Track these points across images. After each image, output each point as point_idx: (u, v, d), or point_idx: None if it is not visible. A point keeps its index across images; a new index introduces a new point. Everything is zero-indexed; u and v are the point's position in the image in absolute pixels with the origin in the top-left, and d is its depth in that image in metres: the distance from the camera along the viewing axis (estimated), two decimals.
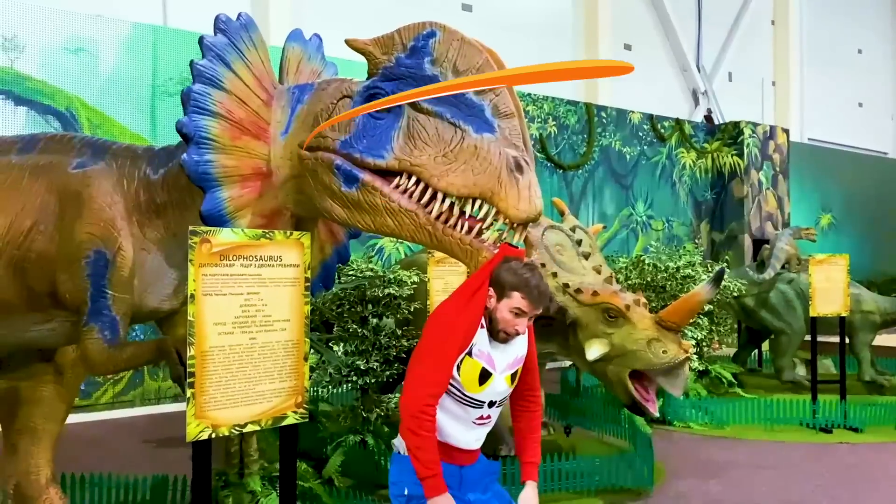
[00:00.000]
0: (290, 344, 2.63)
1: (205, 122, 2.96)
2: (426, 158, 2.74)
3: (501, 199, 2.66)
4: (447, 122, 2.75)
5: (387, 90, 2.86)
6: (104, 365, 3.14)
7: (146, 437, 7.31)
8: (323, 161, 2.95)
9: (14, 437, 3.88)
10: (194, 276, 2.37)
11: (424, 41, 2.82)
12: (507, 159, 2.68)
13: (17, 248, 3.22)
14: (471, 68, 2.77)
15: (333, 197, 2.96)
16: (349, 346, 5.85)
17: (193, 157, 2.92)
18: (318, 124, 2.97)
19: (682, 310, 5.20)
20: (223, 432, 2.44)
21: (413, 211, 2.81)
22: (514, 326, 2.66)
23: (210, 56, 3.05)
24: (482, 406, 2.69)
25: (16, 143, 3.48)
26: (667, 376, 5.13)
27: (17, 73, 8.22)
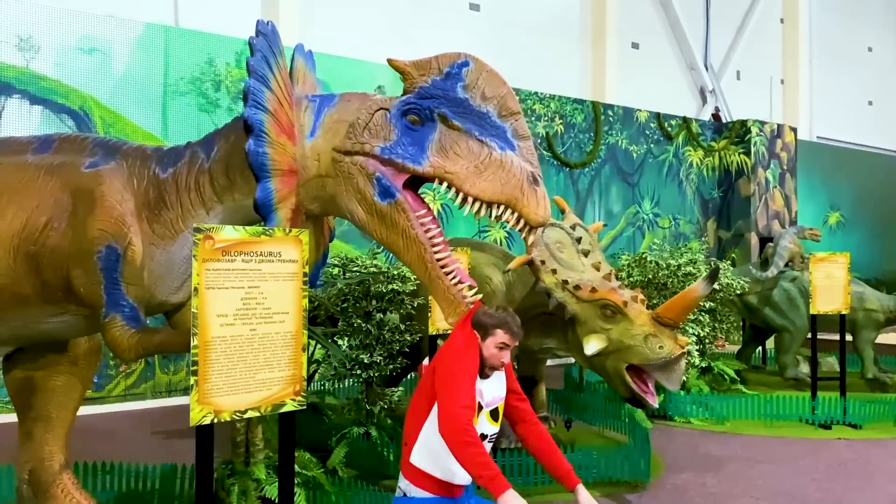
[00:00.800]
0: (288, 335, 2.79)
1: (261, 116, 3.25)
2: (459, 168, 3.17)
3: (524, 206, 3.14)
4: (476, 139, 3.18)
5: (423, 106, 3.24)
6: (134, 349, 3.33)
7: (157, 429, 7.50)
8: (361, 167, 3.28)
9: (29, 424, 4.06)
10: (198, 271, 2.53)
11: (459, 69, 3.24)
12: (527, 173, 3.15)
13: (32, 243, 3.39)
14: (496, 96, 3.23)
15: (362, 202, 3.30)
16: (353, 340, 6.00)
17: (255, 148, 3.21)
18: (354, 131, 3.30)
19: (677, 306, 5.32)
20: (225, 418, 2.60)
21: (424, 245, 3.24)
22: (499, 359, 3.13)
23: (258, 56, 3.34)
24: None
25: (32, 144, 3.65)
26: (663, 371, 5.26)
27: (33, 73, 8.41)
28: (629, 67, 16.16)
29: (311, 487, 4.85)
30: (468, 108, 3.20)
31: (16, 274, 3.42)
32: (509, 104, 3.24)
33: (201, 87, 9.46)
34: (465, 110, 3.20)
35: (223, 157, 3.45)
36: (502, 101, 3.22)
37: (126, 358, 3.34)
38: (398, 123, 3.27)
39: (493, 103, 3.22)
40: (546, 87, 13.33)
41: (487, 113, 3.21)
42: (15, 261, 3.40)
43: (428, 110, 3.23)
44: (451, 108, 3.20)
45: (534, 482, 5.36)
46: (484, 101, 3.21)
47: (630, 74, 16.03)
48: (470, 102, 3.20)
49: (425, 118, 3.24)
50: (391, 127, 3.27)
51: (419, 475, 3.07)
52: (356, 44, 11.65)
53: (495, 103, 3.22)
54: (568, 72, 15.20)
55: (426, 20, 13.21)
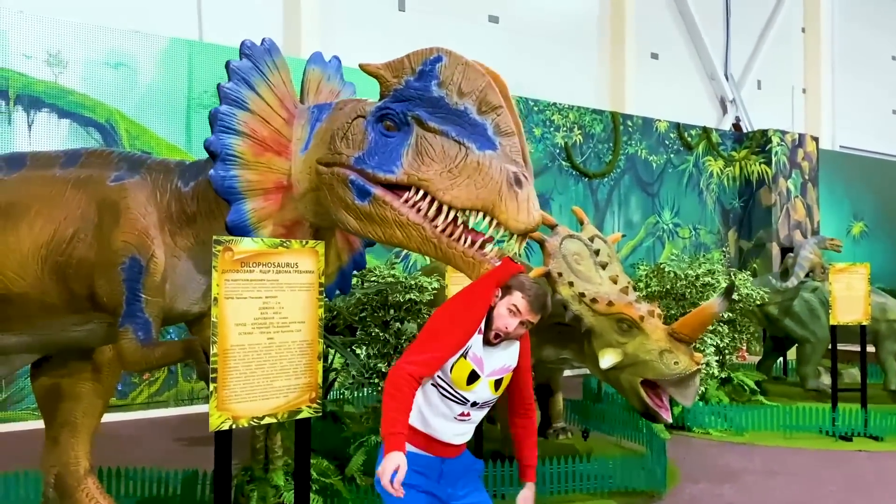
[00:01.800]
0: (304, 344, 2.87)
1: (230, 140, 3.24)
2: (432, 173, 3.00)
3: (502, 212, 2.91)
4: (452, 140, 3.01)
5: (397, 110, 3.12)
6: (138, 363, 3.42)
7: (178, 436, 7.62)
8: (338, 175, 3.21)
9: (56, 429, 4.18)
10: (217, 281, 2.62)
11: (431, 65, 3.08)
12: (507, 174, 2.92)
13: (60, 254, 3.51)
14: (474, 90, 3.03)
15: (347, 209, 3.22)
16: (371, 349, 6.07)
17: (220, 173, 3.20)
18: (334, 142, 3.24)
19: (693, 322, 5.33)
20: (243, 424, 2.68)
21: (420, 224, 3.07)
22: (505, 323, 2.84)
23: (236, 79, 3.34)
24: (465, 404, 2.87)
25: (60, 158, 3.78)
26: (677, 386, 5.26)
27: (61, 88, 8.63)
28: (648, 77, 16.17)
29: (329, 495, 4.92)
30: (444, 107, 3.03)
31: (44, 283, 3.54)
32: (489, 98, 3.01)
33: None
34: (441, 110, 3.03)
35: None
36: (481, 96, 3.01)
37: (129, 370, 3.44)
38: (373, 131, 3.16)
39: (471, 99, 3.01)
40: (565, 97, 13.39)
41: (465, 110, 3.01)
42: (43, 271, 3.52)
43: (402, 114, 3.09)
44: (427, 109, 3.05)
45: (549, 491, 5.40)
46: (461, 97, 3.02)
47: (649, 84, 16.03)
48: (446, 101, 3.03)
49: (400, 122, 3.10)
50: (366, 134, 3.18)
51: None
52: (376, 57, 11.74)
53: (474, 98, 3.01)
54: (587, 82, 15.24)
55: (445, 33, 13.33)
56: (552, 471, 5.50)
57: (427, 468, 2.84)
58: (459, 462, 2.99)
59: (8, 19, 8.37)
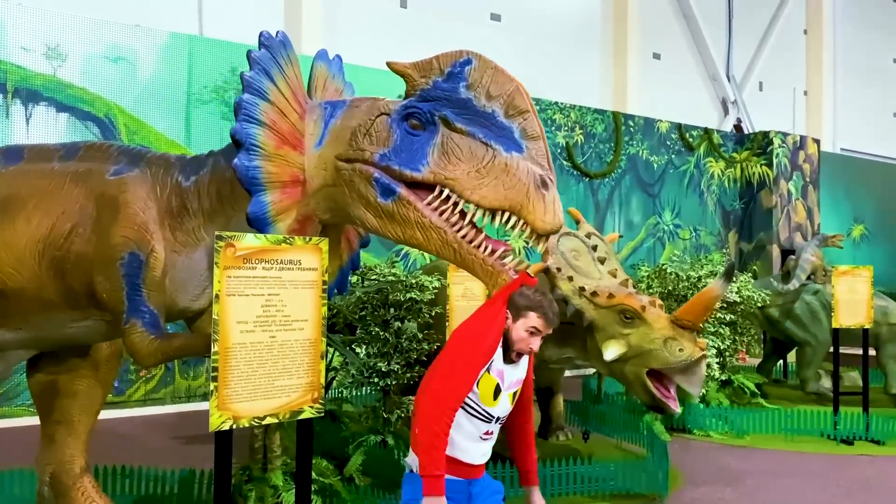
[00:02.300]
0: (307, 343, 2.81)
1: (254, 129, 3.20)
2: (460, 173, 3.03)
3: (529, 213, 2.97)
4: (479, 141, 3.04)
5: (424, 109, 3.14)
6: (153, 355, 3.33)
7: (176, 434, 7.55)
8: (361, 172, 3.20)
9: (52, 427, 4.12)
10: (219, 278, 2.56)
11: (461, 67, 3.10)
12: (534, 176, 2.98)
13: (57, 249, 3.45)
14: (502, 94, 3.07)
15: (368, 206, 3.21)
16: (371, 348, 6.01)
17: (244, 162, 3.16)
18: (355, 138, 3.23)
19: (696, 308, 5.27)
20: (243, 424, 2.62)
21: (442, 228, 3.10)
22: (528, 345, 2.99)
23: (257, 69, 3.30)
24: (490, 421, 2.97)
25: (58, 151, 3.72)
26: (684, 374, 5.21)
27: (60, 81, 8.55)
28: (650, 77, 16.12)
29: (328, 495, 4.86)
30: (472, 109, 3.06)
31: (41, 279, 3.47)
32: (517, 102, 3.07)
33: (224, 96, 9.56)
34: (468, 111, 3.06)
35: None
36: (509, 100, 3.06)
37: (145, 363, 3.35)
38: (398, 129, 3.16)
39: (499, 102, 3.06)
40: (566, 97, 13.33)
41: (493, 113, 3.05)
42: (40, 266, 3.46)
43: (429, 114, 3.11)
44: (454, 110, 3.07)
45: (550, 493, 5.35)
46: (489, 100, 3.06)
47: (651, 85, 15.99)
48: (474, 103, 3.06)
49: (426, 122, 3.11)
50: (391, 132, 3.17)
51: None
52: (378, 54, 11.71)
53: (501, 102, 3.06)
54: (588, 82, 15.19)
55: (447, 30, 13.27)
56: (552, 473, 5.44)
57: (457, 493, 2.93)
58: (485, 484, 3.07)
59: (7, 11, 8.30)
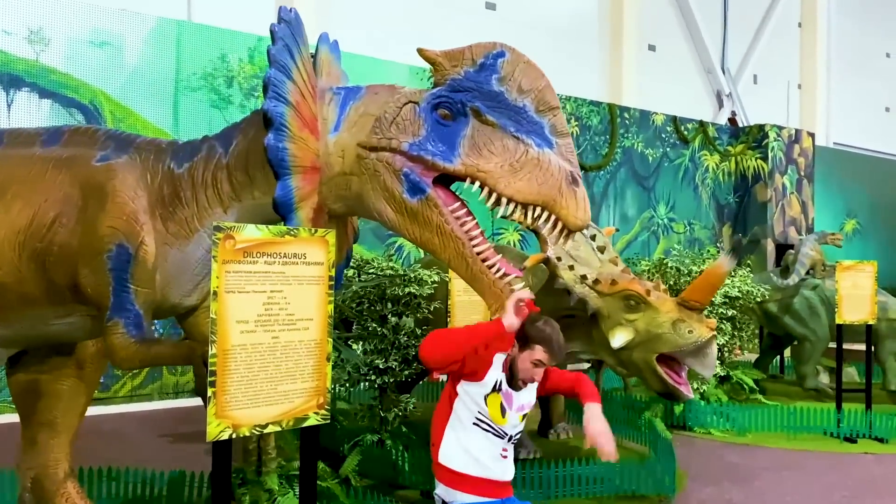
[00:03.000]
0: (312, 343, 2.58)
1: (282, 109, 3.05)
2: (493, 166, 2.95)
3: (563, 208, 2.92)
4: (511, 135, 2.97)
5: (455, 99, 3.04)
6: (129, 360, 3.14)
7: (164, 431, 7.32)
8: (388, 163, 3.06)
9: (34, 429, 3.88)
10: (217, 273, 2.33)
11: (494, 59, 3.02)
12: (565, 173, 2.94)
13: (39, 240, 3.21)
14: (534, 89, 3.02)
15: (391, 200, 3.09)
16: (368, 344, 5.81)
17: (275, 143, 3.01)
18: (380, 126, 3.10)
19: (703, 287, 5.10)
20: (244, 432, 2.40)
21: (461, 239, 3.04)
22: (532, 375, 3.01)
23: (280, 44, 3.13)
24: (504, 437, 3.00)
25: (40, 136, 3.47)
26: (695, 356, 5.05)
27: (43, 66, 8.26)
28: (646, 70, 15.96)
29: (325, 498, 4.66)
30: (503, 102, 2.99)
31: (21, 272, 3.23)
32: (548, 98, 3.01)
33: (213, 83, 9.29)
34: (499, 104, 2.99)
35: (242, 152, 3.25)
36: (540, 95, 3.00)
37: (121, 366, 3.15)
38: (428, 118, 3.05)
39: (530, 97, 3.00)
40: (561, 88, 13.05)
41: (524, 107, 2.99)
42: (20, 258, 3.22)
43: (460, 104, 3.02)
44: (485, 102, 3.00)
45: (554, 494, 5.17)
46: (520, 94, 3.00)
47: (647, 77, 15.83)
48: (505, 96, 3.00)
49: (457, 112, 3.03)
50: (420, 121, 3.06)
51: (453, 477, 2.97)
52: (371, 41, 11.49)
53: (532, 97, 3.00)
54: (584, 74, 15.00)
55: (441, 18, 13.04)
56: (554, 474, 5.26)
57: None
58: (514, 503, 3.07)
59: None
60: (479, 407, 2.93)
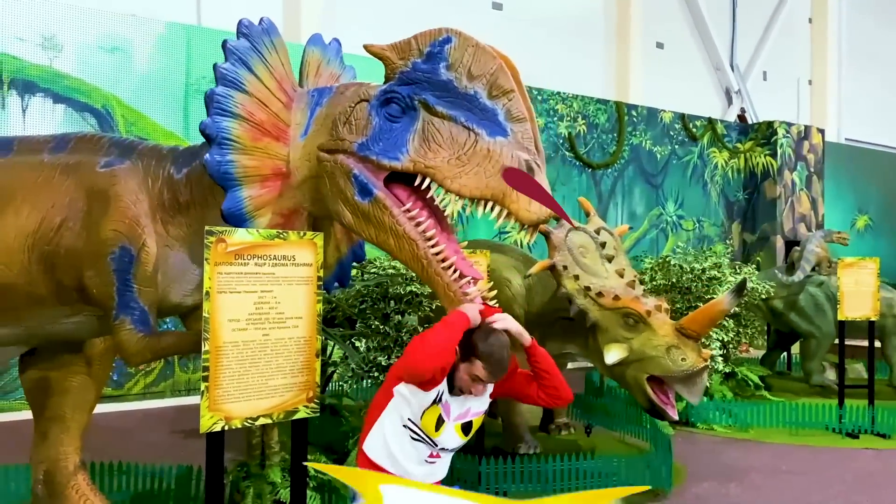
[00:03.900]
0: (302, 340, 2.72)
1: (227, 123, 3.08)
2: (440, 161, 2.86)
3: (513, 202, 2.77)
4: (461, 126, 2.86)
5: (403, 94, 2.97)
6: (141, 354, 3.26)
7: (175, 428, 7.49)
8: (341, 165, 3.06)
9: (44, 424, 4.04)
10: (210, 275, 2.47)
11: (440, 47, 2.92)
12: (518, 162, 2.77)
13: (47, 243, 3.36)
14: (485, 74, 2.88)
15: (346, 202, 3.08)
16: (371, 342, 5.94)
17: (216, 158, 3.04)
18: (336, 127, 3.08)
19: (702, 319, 5.21)
20: (236, 425, 2.54)
21: (415, 240, 2.97)
22: (469, 388, 2.81)
23: (233, 59, 3.17)
24: (435, 446, 2.84)
25: (48, 143, 3.63)
26: (684, 383, 5.15)
27: (56, 72, 8.45)
28: (653, 67, 15.96)
29: (327, 491, 4.79)
30: (453, 91, 2.87)
31: (31, 274, 3.39)
32: (500, 82, 2.86)
33: None
34: (450, 94, 2.87)
35: None
36: (492, 79, 2.85)
37: (133, 362, 3.28)
38: (377, 115, 3.02)
39: (481, 82, 2.86)
40: (569, 86, 13.19)
41: (475, 94, 2.86)
42: (30, 260, 3.38)
43: (408, 98, 2.94)
44: (434, 93, 2.89)
45: (552, 489, 5.28)
46: (471, 80, 2.86)
47: (654, 74, 15.82)
48: (455, 84, 2.87)
49: (406, 107, 2.96)
50: (370, 119, 3.03)
51: (371, 467, 2.82)
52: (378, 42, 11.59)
53: (484, 82, 2.86)
54: (591, 71, 15.04)
55: (448, 18, 13.08)
56: (554, 468, 5.37)
57: None
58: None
59: (2, 1, 8.19)
60: (414, 417, 2.79)
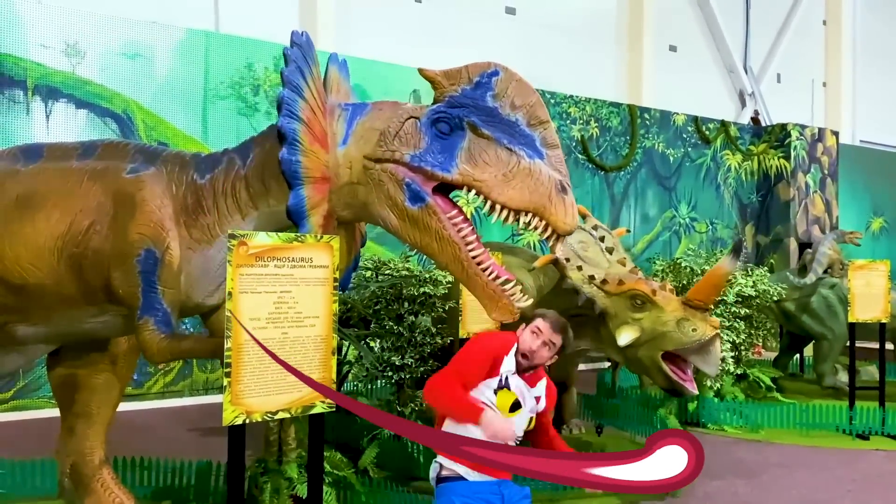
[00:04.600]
0: (318, 339, 2.87)
1: (295, 125, 3.36)
2: (487, 176, 3.24)
3: (552, 214, 3.21)
4: (505, 147, 3.25)
5: (452, 115, 3.33)
6: (162, 353, 3.46)
7: (194, 426, 7.66)
8: (392, 174, 3.36)
9: (71, 419, 4.21)
10: (232, 276, 2.62)
11: (488, 78, 3.31)
12: (555, 181, 3.19)
13: (76, 245, 3.53)
14: (525, 105, 3.31)
15: (394, 208, 3.38)
16: (385, 342, 6.08)
17: (289, 156, 3.32)
18: (385, 139, 3.40)
19: (706, 287, 5.31)
20: (256, 418, 2.68)
21: (458, 244, 3.33)
22: (530, 346, 3.43)
23: (292, 66, 3.44)
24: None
25: (77, 150, 3.80)
26: (699, 354, 5.24)
27: (78, 78, 8.66)
28: (666, 70, 16.01)
29: (342, 487, 4.92)
30: (497, 117, 3.28)
31: (60, 275, 3.56)
32: (538, 113, 3.30)
33: (241, 92, 9.64)
34: (494, 119, 3.28)
35: (259, 163, 3.55)
36: (531, 110, 3.29)
37: (154, 360, 3.48)
38: (428, 132, 3.35)
39: (522, 112, 3.29)
40: (582, 90, 13.29)
41: (517, 122, 3.28)
42: (59, 262, 3.54)
43: (457, 119, 3.31)
44: (481, 117, 3.28)
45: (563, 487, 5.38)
46: (513, 109, 3.29)
47: (667, 77, 15.87)
48: (499, 111, 3.28)
49: (455, 126, 3.32)
50: (421, 135, 3.35)
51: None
52: (392, 48, 11.75)
53: (524, 112, 3.29)
54: (604, 74, 15.12)
55: (462, 24, 13.27)
56: None
57: (489, 493, 3.21)
58: (515, 488, 3.34)
59: (26, 9, 8.41)
60: (488, 400, 3.30)
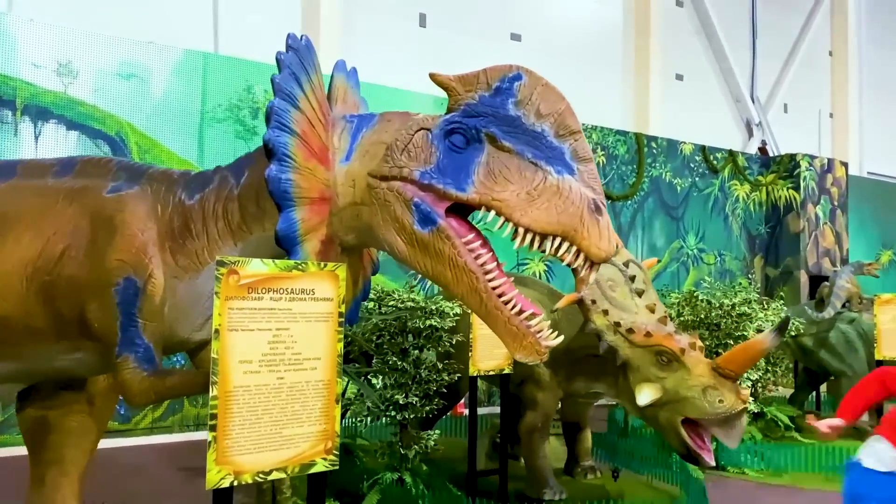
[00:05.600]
0: (320, 384, 2.46)
1: (285, 138, 2.93)
2: (508, 194, 2.80)
3: (584, 238, 2.76)
4: (528, 162, 2.83)
5: (468, 125, 2.90)
6: (145, 394, 3.04)
7: (183, 464, 7.21)
8: (399, 193, 2.93)
9: (42, 468, 3.77)
10: (220, 310, 2.23)
11: (510, 83, 2.88)
12: (587, 200, 2.78)
13: (47, 273, 3.13)
14: (553, 113, 2.86)
15: (401, 232, 2.94)
16: (388, 379, 5.67)
17: (277, 174, 2.88)
18: (392, 154, 2.97)
19: (740, 358, 4.92)
20: (246, 480, 2.27)
21: (475, 273, 2.87)
22: None
23: (286, 72, 3.03)
24: None
25: (53, 167, 3.42)
26: (722, 426, 4.85)
27: (70, 98, 8.34)
28: (673, 99, 15.81)
29: None
30: (521, 127, 2.84)
31: (29, 305, 3.15)
32: (568, 122, 2.86)
33: (239, 115, 9.33)
34: (517, 129, 2.84)
35: (253, 183, 3.15)
36: (560, 119, 2.85)
37: (136, 403, 3.03)
38: (440, 145, 2.92)
39: (549, 121, 2.85)
40: (588, 118, 13.01)
41: (543, 132, 2.84)
42: (28, 291, 3.14)
43: (474, 130, 2.88)
44: (501, 128, 2.85)
45: None
46: (539, 118, 2.85)
47: (674, 106, 15.66)
48: (523, 120, 2.85)
49: (471, 139, 2.89)
50: (432, 149, 2.92)
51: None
52: (397, 73, 11.49)
53: (552, 121, 2.85)
54: (611, 103, 14.89)
55: (467, 50, 13.03)
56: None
57: None
58: None
59: (18, 27, 8.11)
60: None
